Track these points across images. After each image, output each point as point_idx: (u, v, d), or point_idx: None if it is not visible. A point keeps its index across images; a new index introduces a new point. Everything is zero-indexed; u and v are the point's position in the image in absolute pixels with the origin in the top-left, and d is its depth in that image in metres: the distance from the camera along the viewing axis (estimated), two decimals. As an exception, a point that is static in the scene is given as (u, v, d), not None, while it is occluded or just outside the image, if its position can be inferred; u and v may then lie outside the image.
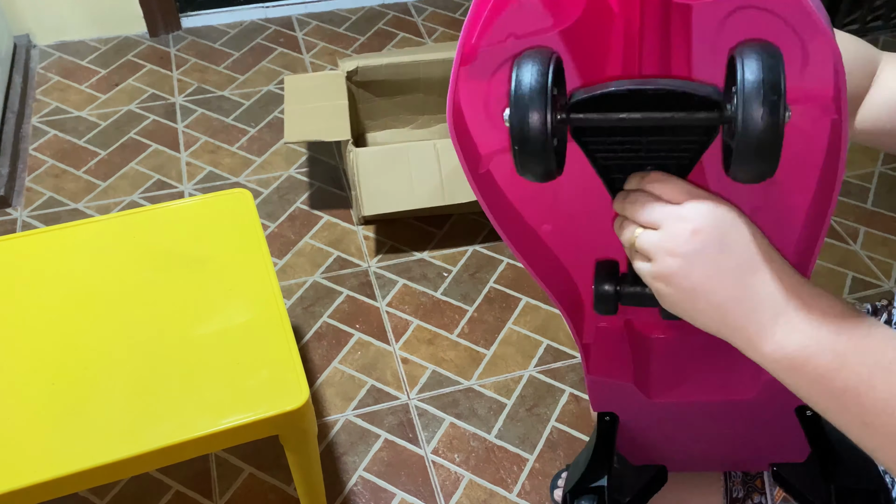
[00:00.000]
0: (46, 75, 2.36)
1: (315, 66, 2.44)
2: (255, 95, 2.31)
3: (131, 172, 2.05)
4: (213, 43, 2.52)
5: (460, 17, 2.68)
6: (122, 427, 0.97)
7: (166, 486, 1.42)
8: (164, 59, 2.44)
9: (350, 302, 1.76)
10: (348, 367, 1.63)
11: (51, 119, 2.21)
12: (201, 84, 2.35)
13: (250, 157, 2.11)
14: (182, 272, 1.16)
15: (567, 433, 1.53)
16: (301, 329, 1.70)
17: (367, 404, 1.57)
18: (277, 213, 1.96)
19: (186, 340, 1.07)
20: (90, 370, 1.03)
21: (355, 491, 1.43)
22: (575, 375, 1.63)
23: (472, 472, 1.47)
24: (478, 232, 1.93)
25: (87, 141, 2.14)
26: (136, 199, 1.98)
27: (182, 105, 2.27)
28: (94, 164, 2.07)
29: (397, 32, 2.59)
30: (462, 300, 1.77)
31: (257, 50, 2.49)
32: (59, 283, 1.14)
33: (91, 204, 1.96)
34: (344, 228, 1.93)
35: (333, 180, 2.06)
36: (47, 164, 2.07)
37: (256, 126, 2.21)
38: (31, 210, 1.94)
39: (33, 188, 2.00)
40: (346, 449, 1.50)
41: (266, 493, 1.43)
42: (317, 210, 1.97)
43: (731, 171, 0.52)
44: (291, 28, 2.60)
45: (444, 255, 1.87)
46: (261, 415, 0.99)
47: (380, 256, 1.86)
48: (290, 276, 1.80)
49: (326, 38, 2.56)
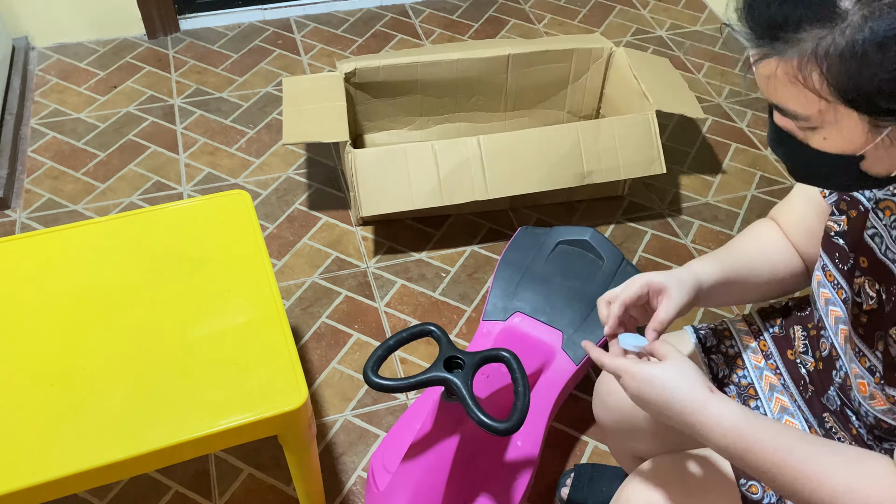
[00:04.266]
0: (45, 77, 2.36)
1: (313, 68, 2.44)
2: (254, 97, 2.32)
3: (130, 174, 2.05)
4: (211, 45, 2.52)
5: (457, 19, 2.69)
6: (121, 428, 0.98)
7: (166, 487, 1.43)
8: (162, 61, 2.45)
9: (349, 302, 1.76)
10: (347, 368, 1.64)
11: (49, 121, 2.21)
12: (200, 86, 2.35)
13: (249, 159, 2.11)
14: (181, 273, 1.17)
15: (566, 432, 1.54)
16: (300, 329, 1.70)
17: (366, 404, 1.58)
18: (276, 214, 1.96)
19: (185, 341, 1.08)
20: (89, 371, 1.03)
21: (354, 491, 1.44)
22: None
23: (470, 471, 1.47)
24: (475, 232, 1.93)
25: (86, 143, 2.14)
26: (135, 200, 1.98)
27: (181, 107, 2.28)
28: (92, 166, 2.07)
29: (395, 34, 2.60)
30: (460, 300, 1.77)
31: (256, 52, 2.50)
32: (59, 284, 1.14)
33: (90, 205, 1.96)
34: (342, 229, 1.93)
35: (332, 181, 2.06)
36: (46, 165, 2.07)
37: (255, 127, 2.21)
38: (29, 212, 1.94)
39: (32, 190, 2.00)
40: (345, 449, 1.50)
41: (265, 493, 1.43)
42: (315, 211, 1.98)
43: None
44: (290, 30, 2.60)
45: (443, 256, 1.87)
46: (260, 415, 0.99)
47: (378, 257, 1.87)
48: (288, 277, 1.81)
49: (324, 40, 2.56)
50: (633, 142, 1.83)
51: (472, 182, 1.75)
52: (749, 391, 1.00)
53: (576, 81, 2.14)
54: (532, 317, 1.46)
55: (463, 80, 2.06)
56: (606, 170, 1.82)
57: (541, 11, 2.74)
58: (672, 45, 2.59)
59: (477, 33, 2.62)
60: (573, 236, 1.59)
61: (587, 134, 1.80)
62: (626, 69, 2.00)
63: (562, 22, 2.69)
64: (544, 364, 1.40)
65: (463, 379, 1.01)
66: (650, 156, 1.84)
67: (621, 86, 2.04)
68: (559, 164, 1.79)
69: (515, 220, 1.96)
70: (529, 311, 1.47)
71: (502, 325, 1.46)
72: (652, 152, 1.84)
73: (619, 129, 1.82)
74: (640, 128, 1.83)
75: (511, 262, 1.56)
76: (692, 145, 2.22)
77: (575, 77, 2.12)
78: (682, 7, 2.79)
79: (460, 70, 2.04)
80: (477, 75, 2.06)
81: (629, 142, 1.82)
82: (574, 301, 1.47)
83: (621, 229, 1.96)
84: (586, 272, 1.52)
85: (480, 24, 2.66)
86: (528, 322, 1.46)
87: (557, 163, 1.79)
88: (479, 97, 2.12)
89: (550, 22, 2.69)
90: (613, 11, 2.75)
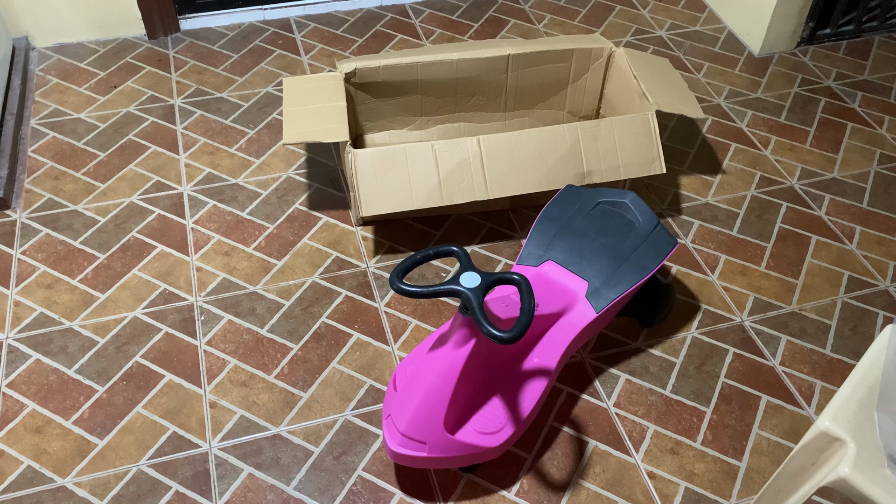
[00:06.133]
0: (45, 77, 2.36)
1: (313, 68, 2.45)
2: (254, 97, 2.32)
3: (130, 174, 2.05)
4: (211, 45, 2.52)
5: (457, 19, 2.69)
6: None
7: (166, 487, 1.43)
8: (162, 62, 2.45)
9: (349, 302, 1.76)
10: (347, 368, 1.64)
11: (50, 121, 2.21)
12: (200, 86, 2.35)
13: (249, 159, 2.11)
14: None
15: (566, 433, 1.54)
16: (299, 329, 1.71)
17: (366, 404, 1.58)
18: (276, 215, 1.96)
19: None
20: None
21: (354, 490, 1.44)
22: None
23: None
24: (475, 232, 1.94)
25: (86, 143, 2.14)
26: (136, 200, 1.98)
27: (181, 107, 2.28)
28: (93, 166, 2.07)
29: (395, 34, 2.60)
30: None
31: (256, 52, 2.50)
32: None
33: (90, 205, 1.96)
34: (342, 229, 1.94)
35: (332, 181, 2.07)
36: (46, 165, 2.07)
37: (255, 128, 2.21)
38: (30, 212, 1.94)
39: (32, 190, 2.00)
40: (345, 448, 1.50)
41: (265, 492, 1.43)
42: (315, 211, 1.98)
43: None
44: (290, 30, 2.60)
45: (443, 256, 1.88)
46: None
47: (378, 257, 1.87)
48: (288, 277, 1.81)
49: (325, 40, 2.56)
50: (632, 142, 1.83)
51: (472, 182, 1.75)
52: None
53: (576, 81, 2.14)
54: (562, 266, 1.56)
55: (463, 80, 2.06)
56: (606, 170, 1.82)
57: (541, 11, 2.74)
58: (672, 45, 2.60)
59: (477, 33, 2.62)
60: (614, 198, 1.67)
61: (587, 134, 1.81)
62: (626, 69, 2.00)
63: (562, 22, 2.69)
64: (567, 307, 1.50)
65: (475, 293, 1.15)
66: (650, 156, 1.84)
67: (621, 86, 2.04)
68: (559, 164, 1.79)
69: (515, 220, 1.97)
70: (561, 260, 1.57)
71: (534, 270, 1.56)
72: (652, 152, 1.84)
73: (619, 129, 1.83)
74: (640, 128, 1.84)
75: (551, 216, 1.64)
76: (692, 145, 2.22)
77: (575, 77, 2.13)
78: (682, 7, 2.79)
79: (460, 70, 2.04)
80: (477, 75, 2.06)
81: (629, 142, 1.83)
82: (604, 256, 1.57)
83: (621, 229, 1.97)
84: (620, 231, 1.61)
85: (480, 24, 2.66)
86: (558, 270, 1.55)
87: (557, 163, 1.79)
88: (479, 97, 2.12)
89: (550, 22, 2.69)
90: (613, 11, 2.75)
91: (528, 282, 1.18)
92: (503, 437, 1.35)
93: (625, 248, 1.57)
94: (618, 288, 1.52)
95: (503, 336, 1.10)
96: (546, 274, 1.55)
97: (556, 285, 1.53)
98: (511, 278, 1.19)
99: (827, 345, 1.72)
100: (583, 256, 1.57)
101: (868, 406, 1.03)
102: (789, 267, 1.89)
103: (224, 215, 1.95)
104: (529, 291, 1.16)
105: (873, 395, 1.03)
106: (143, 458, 1.47)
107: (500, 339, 1.11)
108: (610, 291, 1.51)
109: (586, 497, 1.45)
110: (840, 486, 0.97)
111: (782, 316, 1.78)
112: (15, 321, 1.70)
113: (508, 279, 1.19)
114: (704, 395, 1.62)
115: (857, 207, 2.05)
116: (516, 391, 1.40)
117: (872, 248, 1.94)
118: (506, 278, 1.19)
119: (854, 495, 0.97)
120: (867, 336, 1.74)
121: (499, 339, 1.11)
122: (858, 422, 1.01)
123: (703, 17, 2.75)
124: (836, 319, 1.77)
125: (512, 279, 1.19)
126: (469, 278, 1.18)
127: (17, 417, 1.53)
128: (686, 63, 2.51)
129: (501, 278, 1.19)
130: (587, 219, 1.64)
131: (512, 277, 1.19)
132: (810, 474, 1.05)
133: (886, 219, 2.02)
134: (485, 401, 1.38)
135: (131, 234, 1.89)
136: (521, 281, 1.18)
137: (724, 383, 1.64)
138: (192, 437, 1.51)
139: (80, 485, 1.43)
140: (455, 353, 1.25)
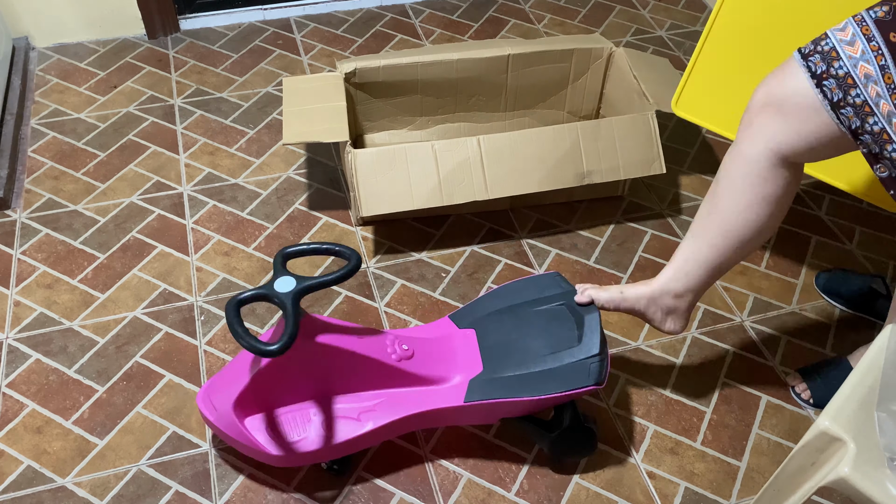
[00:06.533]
0: (45, 77, 2.36)
1: (313, 68, 2.45)
2: (254, 97, 2.32)
3: (130, 174, 2.05)
4: (211, 45, 2.52)
5: (457, 19, 2.69)
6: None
7: (166, 487, 1.43)
8: (162, 62, 2.45)
9: (349, 302, 1.76)
10: (347, 368, 1.64)
11: (50, 121, 2.21)
12: (200, 86, 2.35)
13: (249, 159, 2.11)
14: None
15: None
16: (300, 330, 1.71)
17: (366, 404, 1.58)
18: (276, 215, 1.96)
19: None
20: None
21: (354, 490, 1.44)
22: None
23: (470, 471, 1.48)
24: (476, 232, 1.94)
25: (86, 143, 2.14)
26: (136, 200, 1.98)
27: (181, 107, 2.28)
28: (93, 166, 2.07)
29: (395, 34, 2.60)
30: (460, 300, 1.77)
31: (256, 52, 2.50)
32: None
33: (90, 205, 1.96)
34: (342, 229, 1.94)
35: (332, 181, 2.07)
36: (46, 165, 2.07)
37: (255, 128, 2.22)
38: (30, 212, 1.94)
39: (32, 190, 2.00)
40: (345, 449, 1.50)
41: (265, 493, 1.43)
42: (315, 211, 1.98)
43: None
44: (290, 30, 2.61)
45: (443, 256, 1.88)
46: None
47: (378, 257, 1.87)
48: (288, 277, 1.81)
49: (324, 40, 2.56)
50: (632, 142, 1.83)
51: (472, 182, 1.75)
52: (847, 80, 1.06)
53: (576, 81, 2.14)
54: (477, 341, 1.44)
55: (463, 80, 2.06)
56: (606, 170, 1.82)
57: (541, 11, 2.74)
58: (672, 45, 2.60)
59: (477, 33, 2.62)
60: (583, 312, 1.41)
61: (587, 134, 1.81)
62: (626, 69, 2.00)
63: (562, 22, 2.69)
64: (442, 379, 1.39)
65: (287, 297, 1.19)
66: (650, 156, 1.84)
67: (621, 86, 2.04)
68: (559, 164, 1.79)
69: (515, 220, 1.97)
70: (480, 336, 1.44)
71: (453, 329, 1.46)
72: (652, 152, 1.84)
73: (619, 129, 1.83)
74: (640, 128, 1.84)
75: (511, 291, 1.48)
76: (692, 145, 2.22)
77: (575, 77, 2.13)
78: (682, 7, 2.79)
79: (460, 70, 2.04)
80: (477, 75, 2.06)
81: (629, 142, 1.83)
82: (521, 356, 1.38)
83: (621, 229, 1.96)
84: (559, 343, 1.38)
85: (480, 24, 2.66)
86: (469, 343, 1.43)
87: (557, 163, 1.79)
88: (479, 97, 2.12)
89: (550, 22, 2.69)
90: (613, 11, 2.76)
91: (297, 296, 1.20)
92: (283, 452, 1.32)
93: (546, 360, 1.36)
94: (501, 392, 1.33)
95: (265, 349, 1.12)
96: (457, 338, 1.44)
97: (454, 354, 1.42)
98: (324, 281, 1.22)
99: (827, 345, 1.72)
100: (502, 345, 1.40)
101: (868, 406, 1.02)
102: (789, 267, 1.89)
103: (224, 215, 1.95)
104: (296, 307, 1.18)
105: (873, 394, 1.03)
106: (143, 458, 1.47)
107: (263, 353, 1.12)
108: (493, 391, 1.33)
109: (586, 497, 1.45)
110: (840, 486, 0.97)
111: (782, 316, 1.78)
112: (15, 321, 1.70)
113: (318, 284, 1.22)
114: (704, 395, 1.62)
115: (856, 207, 2.05)
116: (336, 423, 1.34)
117: (872, 247, 1.94)
118: (322, 282, 1.22)
119: (854, 495, 0.97)
120: (867, 336, 1.74)
121: (262, 352, 1.12)
122: (858, 422, 1.00)
123: (703, 17, 2.75)
124: (836, 319, 1.78)
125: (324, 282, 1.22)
126: (285, 283, 1.21)
127: (17, 417, 1.53)
128: (686, 63, 2.52)
129: (317, 283, 1.22)
130: (540, 314, 1.43)
131: (324, 280, 1.22)
132: (810, 474, 1.05)
133: (886, 219, 2.02)
134: (305, 411, 1.35)
135: (131, 234, 1.89)
136: (285, 300, 1.19)
137: (724, 383, 1.64)
138: (192, 437, 1.51)
139: (80, 485, 1.43)
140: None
